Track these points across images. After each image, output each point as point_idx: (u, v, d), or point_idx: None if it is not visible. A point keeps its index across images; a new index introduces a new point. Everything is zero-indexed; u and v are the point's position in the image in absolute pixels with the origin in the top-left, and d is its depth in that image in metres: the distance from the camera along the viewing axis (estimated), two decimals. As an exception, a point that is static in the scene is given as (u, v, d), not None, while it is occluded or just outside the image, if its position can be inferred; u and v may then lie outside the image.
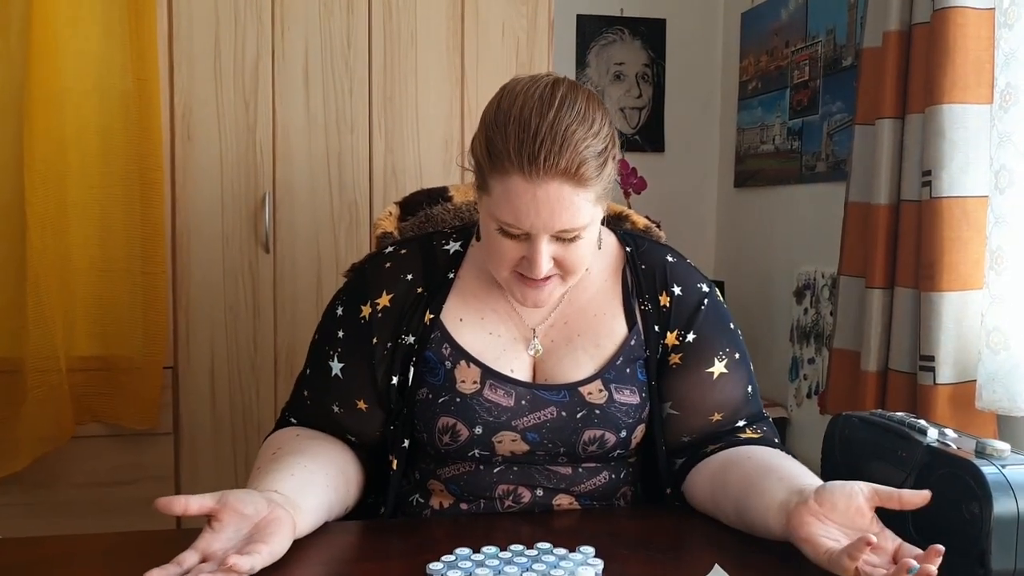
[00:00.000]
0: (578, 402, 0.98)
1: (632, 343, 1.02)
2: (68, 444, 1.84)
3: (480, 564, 0.80)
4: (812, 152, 2.19)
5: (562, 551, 0.84)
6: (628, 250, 1.07)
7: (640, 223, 1.31)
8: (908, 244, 1.58)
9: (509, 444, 0.98)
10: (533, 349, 1.02)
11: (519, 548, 0.84)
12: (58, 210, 1.82)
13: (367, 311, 1.01)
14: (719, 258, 2.74)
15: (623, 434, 0.99)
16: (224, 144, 1.93)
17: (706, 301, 1.05)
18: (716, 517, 0.95)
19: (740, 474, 0.92)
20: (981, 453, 0.81)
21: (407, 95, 1.99)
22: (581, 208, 0.89)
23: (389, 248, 1.08)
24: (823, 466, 0.99)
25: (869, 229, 1.66)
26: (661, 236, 1.24)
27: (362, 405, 1.01)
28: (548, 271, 0.92)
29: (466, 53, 2.01)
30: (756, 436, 1.02)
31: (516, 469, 1.00)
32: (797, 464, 0.92)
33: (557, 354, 1.01)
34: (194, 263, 1.94)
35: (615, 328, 1.02)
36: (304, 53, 1.94)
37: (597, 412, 0.98)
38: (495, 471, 1.00)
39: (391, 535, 0.91)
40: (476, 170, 0.94)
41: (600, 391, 0.99)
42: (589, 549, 0.84)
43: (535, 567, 0.80)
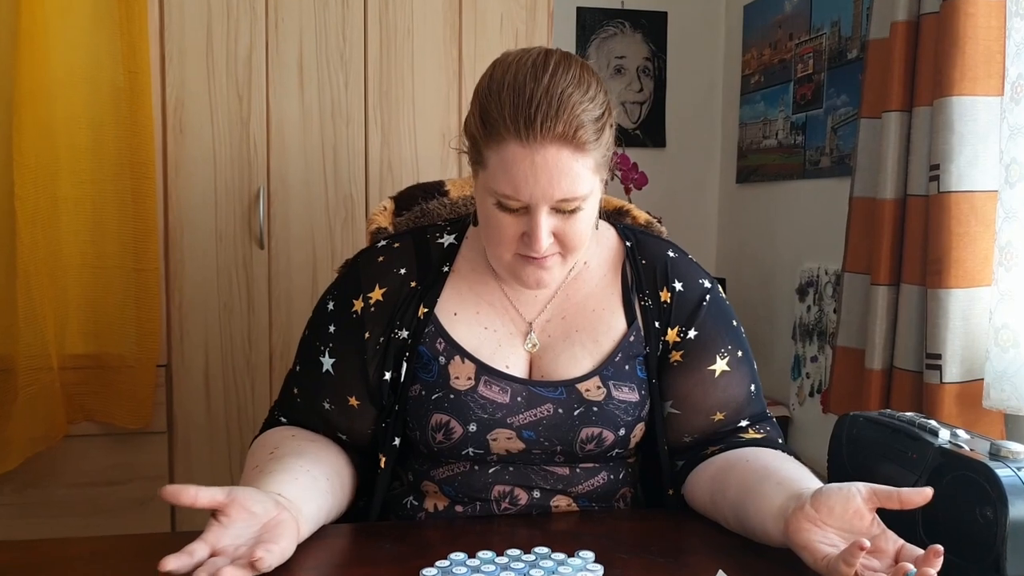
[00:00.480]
0: (576, 399, 0.96)
1: (631, 339, 0.99)
2: (60, 443, 1.81)
3: (475, 570, 0.77)
4: (816, 147, 2.16)
5: (560, 556, 0.81)
6: (628, 244, 1.04)
7: (641, 218, 1.29)
8: (915, 240, 1.54)
9: (504, 442, 0.95)
10: (530, 344, 0.99)
11: (516, 553, 0.81)
12: (49, 205, 1.79)
13: (359, 305, 0.99)
14: (721, 254, 2.70)
15: (622, 432, 0.96)
16: (217, 138, 1.90)
17: (708, 297, 1.02)
18: (716, 521, 0.92)
19: (738, 478, 0.89)
20: (995, 455, 0.78)
21: (403, 88, 1.96)
22: (580, 175, 0.86)
23: (381, 242, 1.06)
24: (829, 467, 0.96)
25: (874, 225, 1.63)
26: (663, 232, 1.22)
27: (353, 401, 0.98)
28: (549, 247, 0.89)
29: (464, 45, 1.98)
30: (759, 437, 0.99)
31: (512, 470, 0.97)
32: (797, 466, 0.89)
33: (554, 350, 0.99)
34: (187, 259, 1.91)
35: (614, 324, 0.99)
36: (298, 45, 1.91)
37: (595, 409, 0.95)
38: (490, 471, 0.97)
39: (383, 539, 0.88)
40: (471, 147, 0.92)
41: (598, 388, 0.96)
42: (588, 554, 0.81)
43: (532, 573, 0.77)
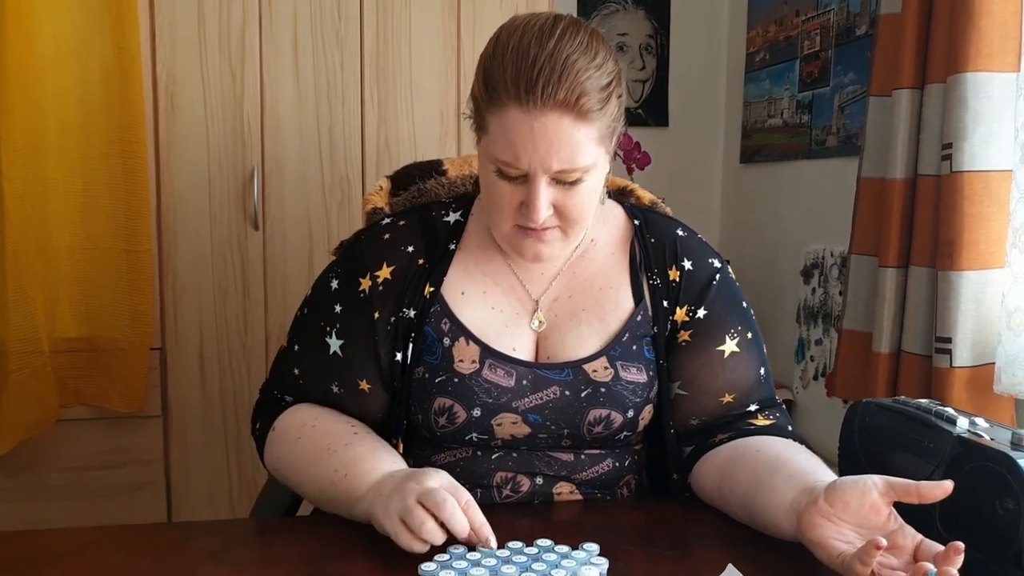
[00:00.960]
0: (582, 380, 0.93)
1: (639, 319, 0.96)
2: (53, 428, 1.79)
3: (476, 564, 0.75)
4: (822, 126, 2.11)
5: (564, 548, 0.78)
6: (636, 223, 1.02)
7: (646, 198, 1.26)
8: (925, 221, 1.51)
9: (509, 427, 0.92)
10: (536, 323, 0.96)
11: (517, 545, 0.78)
12: (37, 185, 1.75)
13: (367, 284, 0.95)
14: (724, 236, 2.67)
15: (630, 414, 0.93)
16: (210, 116, 1.86)
17: (718, 277, 0.99)
18: (724, 512, 0.89)
19: (748, 469, 0.86)
20: (1017, 445, 0.75)
21: (401, 65, 1.91)
22: (582, 146, 0.83)
23: (385, 220, 1.03)
24: (841, 456, 0.93)
25: (883, 205, 1.59)
26: (668, 212, 1.19)
27: (364, 385, 0.95)
28: (547, 219, 0.86)
29: (462, 21, 1.93)
30: (768, 423, 0.96)
31: (515, 455, 0.94)
32: (809, 456, 0.86)
33: (561, 330, 0.96)
34: (181, 241, 1.87)
35: (621, 303, 0.97)
36: (293, 21, 1.86)
37: (603, 391, 0.93)
38: (493, 457, 0.94)
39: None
40: (474, 111, 0.89)
41: (606, 368, 0.94)
42: (593, 546, 0.78)
43: (535, 567, 0.74)
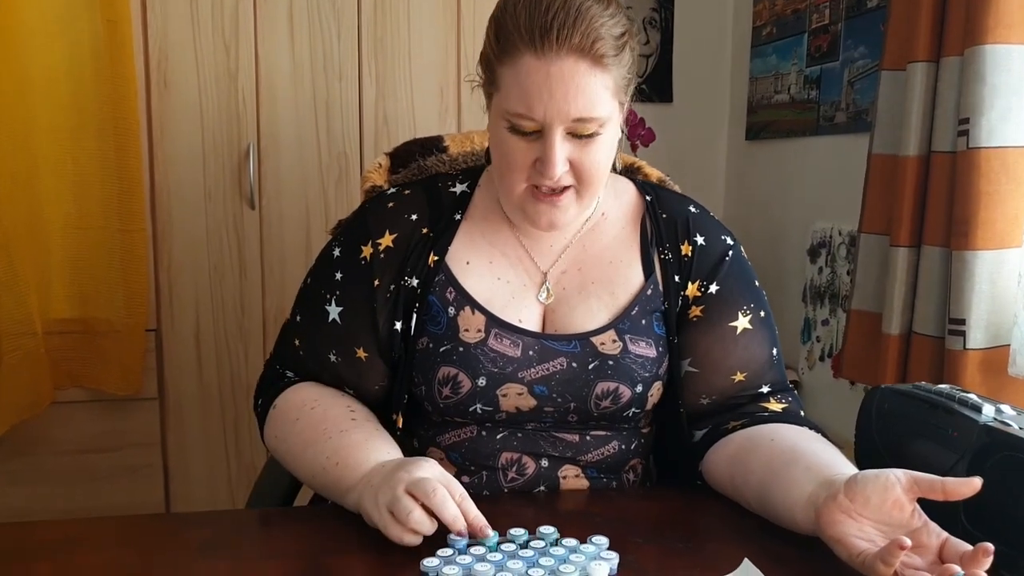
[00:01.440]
0: (590, 353, 0.91)
1: (648, 293, 0.94)
2: (48, 410, 1.77)
3: (480, 559, 0.71)
4: (831, 102, 2.07)
5: (572, 542, 0.75)
6: (648, 198, 1.00)
7: (654, 175, 1.23)
8: (939, 199, 1.47)
9: (515, 399, 0.90)
10: (544, 295, 0.94)
11: (520, 532, 0.76)
12: (27, 163, 1.71)
13: (368, 251, 0.93)
14: (728, 214, 2.62)
15: (639, 389, 0.91)
16: (204, 92, 1.81)
17: (731, 253, 0.97)
18: (736, 502, 0.86)
19: (763, 459, 0.83)
20: (1047, 434, 0.72)
21: (399, 38, 1.86)
22: (598, 94, 0.81)
23: (391, 190, 1.00)
24: (858, 445, 0.90)
25: (895, 183, 1.55)
26: (676, 189, 1.16)
27: (361, 353, 0.93)
28: (562, 176, 0.84)
29: (463, -7, 1.88)
30: (780, 409, 0.93)
31: (520, 436, 0.92)
32: (826, 446, 0.83)
33: (569, 303, 0.94)
34: (175, 220, 1.84)
35: (631, 276, 0.95)
36: (288, -8, 1.81)
37: (611, 363, 0.90)
38: (498, 437, 0.92)
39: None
40: (485, 73, 0.88)
41: (614, 342, 0.91)
42: (602, 539, 0.75)
43: (542, 562, 0.71)
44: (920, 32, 1.47)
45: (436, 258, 0.93)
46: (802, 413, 0.93)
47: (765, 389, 0.94)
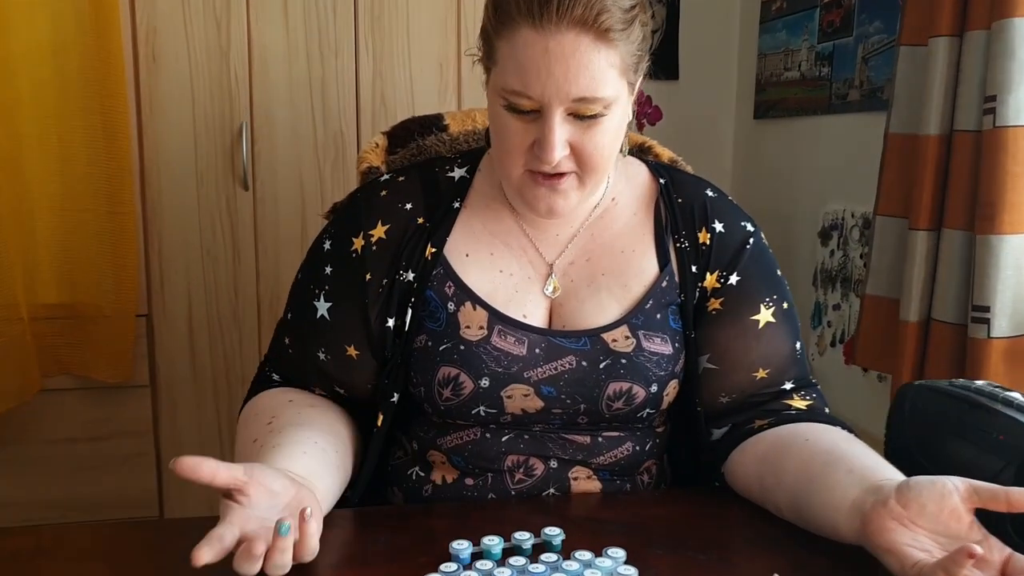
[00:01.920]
0: (601, 350, 0.85)
1: (663, 284, 0.88)
2: (36, 398, 1.72)
3: (487, 575, 0.66)
4: (844, 79, 1.99)
5: (586, 555, 0.69)
6: (662, 181, 0.93)
7: (665, 156, 1.17)
8: (961, 181, 1.40)
9: (520, 400, 0.84)
10: (550, 289, 0.87)
11: (525, 536, 0.71)
12: (11, 143, 1.65)
13: (359, 243, 0.87)
14: (736, 195, 2.50)
15: (654, 388, 0.85)
16: (195, 69, 1.75)
17: (752, 240, 0.91)
18: (763, 506, 0.81)
19: (798, 461, 0.77)
20: (1101, 439, 0.66)
21: (397, 13, 1.79)
22: (602, 72, 0.75)
23: (384, 176, 0.94)
24: (889, 446, 0.84)
25: (916, 163, 1.49)
26: (688, 170, 1.10)
27: (352, 351, 0.87)
28: (562, 161, 0.78)
29: (464, -35, 1.80)
30: (804, 406, 0.87)
31: (527, 438, 0.86)
32: (866, 449, 0.78)
33: (578, 296, 0.87)
34: (166, 202, 1.78)
35: (645, 267, 0.88)
36: (281, -36, 1.73)
37: (623, 362, 0.84)
38: (503, 439, 0.86)
39: (378, 529, 0.77)
40: (483, 46, 0.81)
41: (627, 338, 0.85)
42: (619, 552, 0.70)
43: (554, 577, 0.66)
44: (943, 5, 1.40)
45: (434, 250, 0.87)
46: (827, 410, 0.88)
47: (788, 385, 0.88)
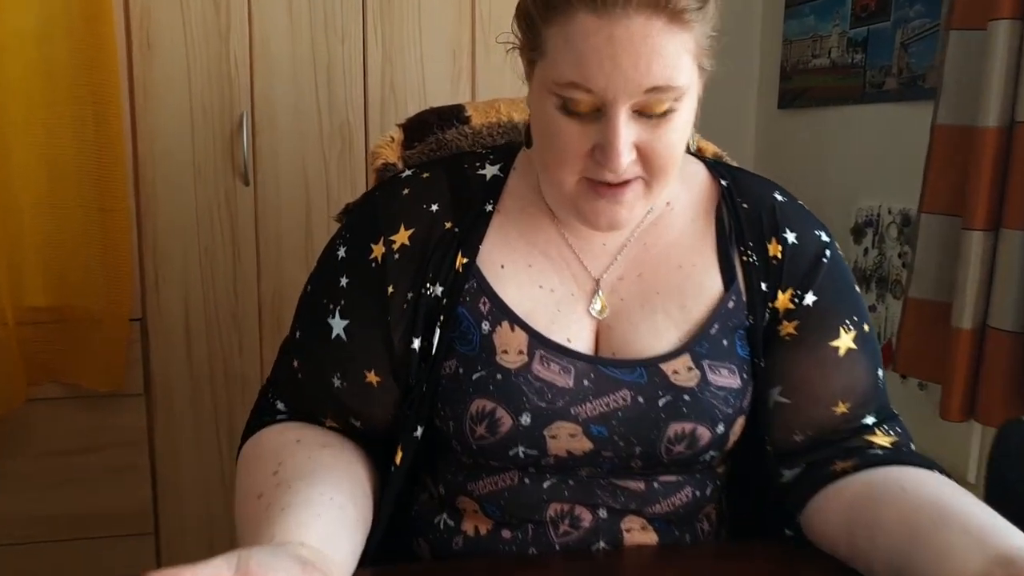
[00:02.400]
0: (660, 384, 0.74)
1: (730, 305, 0.77)
2: (22, 408, 1.63)
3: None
4: (880, 66, 1.89)
5: (650, 627, 0.59)
6: (724, 184, 0.81)
7: (709, 150, 1.05)
8: (1022, 177, 1.30)
9: (566, 440, 0.73)
10: (597, 308, 0.77)
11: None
12: (-6, 135, 1.55)
13: (379, 251, 0.76)
14: (758, 189, 2.46)
15: (720, 429, 0.74)
16: (192, 55, 1.65)
17: (828, 253, 0.80)
18: (850, 563, 0.70)
19: (897, 515, 0.67)
20: None
21: (408, -6, 1.69)
22: (677, 58, 0.65)
23: (406, 172, 0.83)
24: (990, 490, 0.74)
25: (969, 158, 1.38)
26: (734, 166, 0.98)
27: (372, 378, 0.76)
28: (629, 166, 0.67)
29: (478, -57, 1.71)
30: (888, 443, 0.77)
31: (572, 484, 0.75)
32: (974, 500, 0.67)
33: (630, 318, 0.77)
34: (161, 197, 1.68)
35: (707, 284, 0.77)
36: (283, -58, 1.64)
37: (686, 398, 0.73)
38: (545, 486, 0.75)
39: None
40: (525, 34, 0.71)
41: (689, 369, 0.74)
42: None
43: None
44: (1006, -15, 1.30)
45: (465, 260, 0.76)
46: (912, 446, 0.77)
47: (870, 420, 0.78)
